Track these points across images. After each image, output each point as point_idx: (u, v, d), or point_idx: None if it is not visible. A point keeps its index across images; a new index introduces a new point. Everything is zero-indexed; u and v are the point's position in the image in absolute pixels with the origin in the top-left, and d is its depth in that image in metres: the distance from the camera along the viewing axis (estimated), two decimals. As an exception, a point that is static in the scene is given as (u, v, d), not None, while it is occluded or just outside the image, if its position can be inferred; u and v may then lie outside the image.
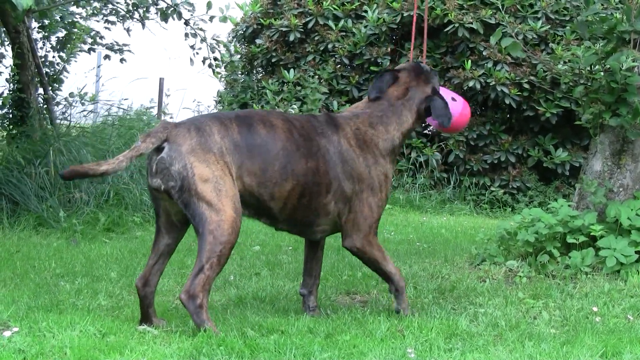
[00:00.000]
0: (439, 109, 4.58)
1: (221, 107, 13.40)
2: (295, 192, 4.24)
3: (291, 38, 12.45)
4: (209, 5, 9.95)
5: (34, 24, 10.79)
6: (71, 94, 10.80)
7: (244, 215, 4.24)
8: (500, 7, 7.48)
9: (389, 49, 11.84)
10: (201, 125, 4.09)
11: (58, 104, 10.68)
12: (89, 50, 11.53)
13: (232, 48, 12.95)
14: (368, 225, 4.44)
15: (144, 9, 10.46)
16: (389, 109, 4.56)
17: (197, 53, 10.60)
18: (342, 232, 4.47)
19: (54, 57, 11.07)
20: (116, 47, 11.45)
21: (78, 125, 10.49)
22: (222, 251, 3.96)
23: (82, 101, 10.85)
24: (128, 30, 11.21)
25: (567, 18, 11.33)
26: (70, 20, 10.87)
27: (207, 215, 3.94)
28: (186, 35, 10.43)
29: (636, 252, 5.59)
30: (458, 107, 4.78)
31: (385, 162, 4.50)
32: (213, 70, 10.89)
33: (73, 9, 11.00)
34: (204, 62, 10.72)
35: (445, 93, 4.79)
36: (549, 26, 11.35)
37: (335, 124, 4.45)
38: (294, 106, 11.58)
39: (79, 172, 4.11)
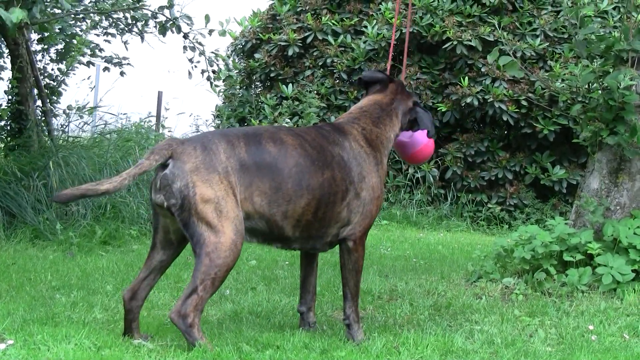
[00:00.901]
0: (425, 118, 4.75)
1: (219, 122, 13.41)
2: (311, 207, 4.19)
3: (290, 53, 12.48)
4: (207, 19, 9.96)
5: (34, 36, 10.80)
6: (69, 107, 10.80)
7: (253, 242, 4.24)
8: (497, 25, 7.50)
9: (388, 65, 11.85)
10: (207, 143, 4.03)
11: (56, 116, 10.68)
12: (88, 64, 11.53)
13: (230, 62, 12.97)
14: (367, 224, 4.43)
15: (143, 23, 10.46)
16: (382, 112, 4.67)
17: (196, 66, 10.61)
18: (345, 226, 4.39)
19: (52, 69, 11.08)
20: (115, 60, 11.46)
21: (76, 138, 10.49)
22: (217, 274, 3.91)
23: (80, 114, 10.85)
24: (126, 43, 11.23)
25: (566, 36, 11.38)
26: (70, 33, 10.88)
27: (205, 236, 3.90)
28: (185, 48, 10.44)
29: (633, 271, 5.60)
30: (425, 138, 4.87)
31: (385, 162, 4.59)
32: (211, 84, 10.89)
33: (73, 21, 11.01)
34: (202, 74, 10.72)
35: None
36: (548, 44, 11.39)
37: (341, 130, 4.49)
38: (287, 120, 11.60)
39: (76, 195, 4.04)
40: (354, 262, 4.42)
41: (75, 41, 10.75)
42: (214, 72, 10.72)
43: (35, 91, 10.11)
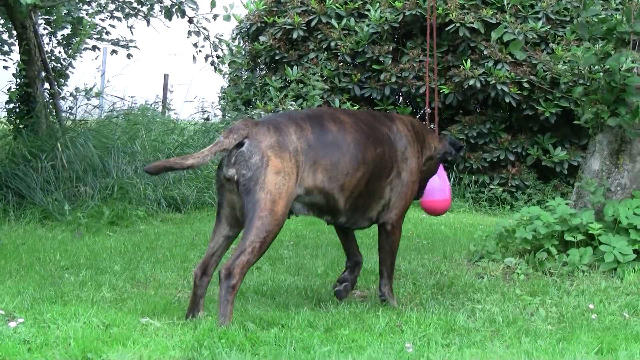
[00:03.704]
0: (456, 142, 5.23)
1: (224, 103, 13.40)
2: (364, 179, 4.50)
3: (294, 36, 12.44)
4: (212, 4, 9.95)
5: (41, 20, 10.78)
6: (76, 89, 10.80)
7: (307, 215, 4.51)
8: (506, 5, 7.46)
9: (390, 48, 11.83)
10: (279, 125, 4.29)
11: (64, 98, 10.68)
12: (94, 48, 11.50)
13: (234, 47, 12.95)
14: (403, 206, 4.78)
15: (149, 7, 10.44)
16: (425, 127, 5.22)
17: (200, 51, 10.61)
18: (385, 206, 4.71)
19: (59, 52, 11.07)
20: (122, 43, 11.44)
21: (83, 120, 10.50)
22: (266, 239, 4.11)
23: (87, 96, 10.85)
24: (131, 28, 11.21)
25: (568, 19, 11.32)
26: (77, 16, 10.86)
27: (262, 202, 4.09)
28: (189, 33, 10.43)
29: (634, 251, 5.60)
30: (447, 194, 5.37)
31: (422, 161, 4.93)
32: (215, 68, 10.89)
33: (80, 4, 10.98)
34: (206, 59, 10.72)
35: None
36: (550, 26, 11.33)
37: (391, 117, 4.89)
38: (292, 102, 11.59)
39: (164, 167, 4.26)
40: (391, 244, 4.79)
41: (81, 26, 10.74)
42: (217, 57, 10.72)
43: (43, 74, 10.11)
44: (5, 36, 11.13)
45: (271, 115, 4.59)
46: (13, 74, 10.24)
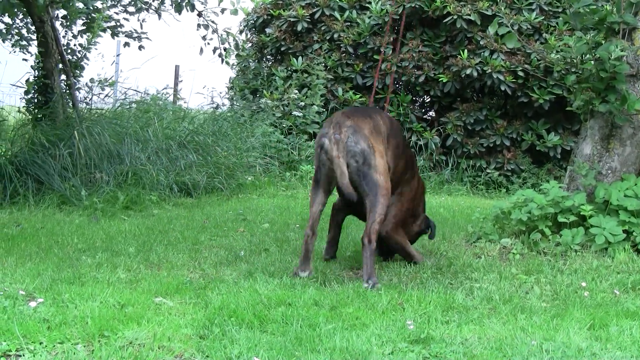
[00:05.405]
0: None
1: (233, 93, 13.37)
2: (403, 168, 5.23)
3: (299, 28, 12.41)
4: (220, -2, 9.93)
5: (58, 13, 10.75)
6: (91, 80, 10.79)
7: None
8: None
9: (391, 39, 11.80)
10: (370, 114, 5.00)
11: (79, 89, 10.67)
12: (113, 35, 11.45)
13: (240, 42, 12.92)
14: (398, 217, 5.41)
15: (160, 1, 10.41)
16: None
17: (209, 43, 10.58)
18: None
19: (75, 45, 11.04)
20: (135, 35, 11.40)
21: (99, 110, 10.48)
22: (387, 210, 4.86)
23: (102, 86, 10.83)
24: (142, 22, 11.17)
25: (560, 9, 11.28)
26: (91, 8, 10.82)
27: (380, 183, 4.75)
28: (198, 26, 10.40)
29: (624, 231, 5.59)
30: None
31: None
32: (222, 60, 10.87)
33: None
34: (214, 51, 10.69)
35: None
36: (543, 17, 11.29)
37: None
38: (296, 91, 11.57)
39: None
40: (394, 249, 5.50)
41: (95, 15, 10.70)
42: (225, 49, 10.69)
43: (60, 66, 10.09)
44: (23, 31, 11.11)
45: (357, 108, 5.40)
46: (31, 66, 10.24)
